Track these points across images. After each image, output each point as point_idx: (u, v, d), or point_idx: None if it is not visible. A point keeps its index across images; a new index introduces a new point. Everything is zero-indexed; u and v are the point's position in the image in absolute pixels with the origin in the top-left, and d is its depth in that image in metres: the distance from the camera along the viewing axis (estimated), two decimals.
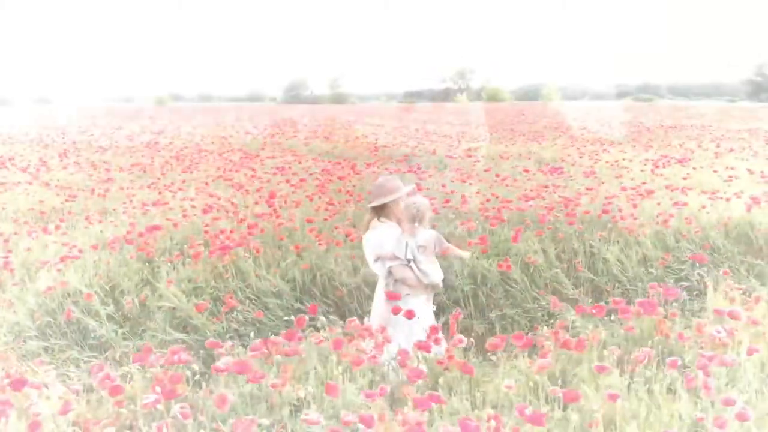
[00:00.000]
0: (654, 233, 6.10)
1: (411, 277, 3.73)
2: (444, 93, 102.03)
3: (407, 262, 3.72)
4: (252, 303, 4.76)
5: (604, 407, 2.64)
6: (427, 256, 3.79)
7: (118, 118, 31.73)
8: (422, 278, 3.74)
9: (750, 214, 6.39)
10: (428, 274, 3.75)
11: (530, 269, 5.39)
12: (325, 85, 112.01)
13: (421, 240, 3.76)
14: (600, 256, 5.67)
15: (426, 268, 3.75)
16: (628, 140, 16.99)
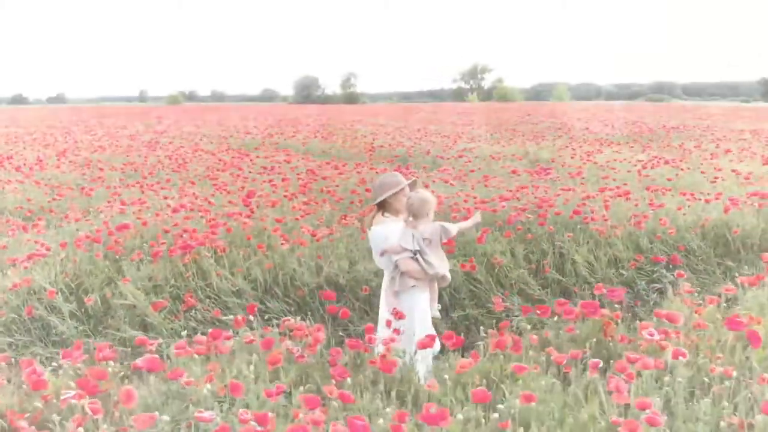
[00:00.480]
0: (627, 234, 6.07)
1: (417, 269, 3.76)
2: (456, 93, 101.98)
3: (414, 254, 3.75)
4: (212, 302, 4.80)
5: (522, 408, 2.63)
6: (433, 248, 3.81)
7: (126, 117, 32.03)
8: (428, 270, 3.77)
9: (727, 216, 6.33)
10: (433, 265, 3.79)
11: (495, 270, 5.38)
12: (336, 85, 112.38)
13: (426, 233, 3.78)
14: (569, 257, 5.65)
15: (431, 259, 3.79)
16: (628, 141, 16.90)
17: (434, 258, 3.83)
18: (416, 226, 3.80)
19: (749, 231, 6.22)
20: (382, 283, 4.15)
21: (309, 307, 4.85)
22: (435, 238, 3.82)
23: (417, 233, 3.77)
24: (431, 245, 3.82)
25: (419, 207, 3.79)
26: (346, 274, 5.06)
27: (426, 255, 3.79)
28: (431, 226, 3.84)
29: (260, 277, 4.92)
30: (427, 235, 3.78)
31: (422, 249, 3.78)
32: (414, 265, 3.78)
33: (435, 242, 3.85)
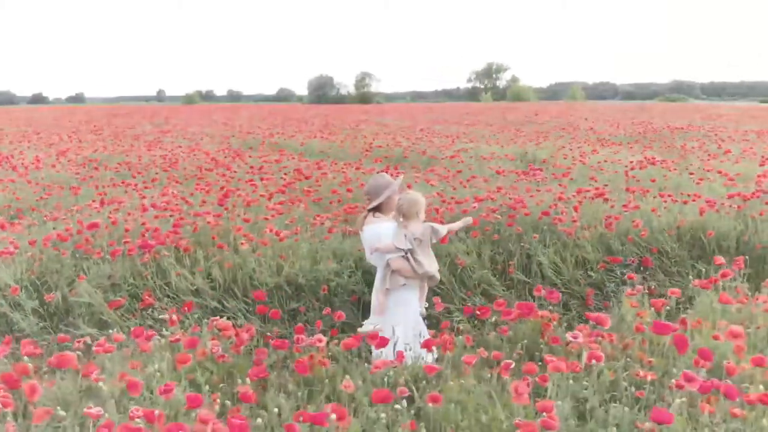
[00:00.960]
0: (598, 236, 6.03)
1: (407, 267, 3.85)
2: (470, 92, 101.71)
3: (405, 252, 3.83)
4: (171, 301, 4.85)
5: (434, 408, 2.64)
6: (423, 248, 3.89)
7: (138, 116, 32.37)
8: (417, 269, 3.86)
9: (703, 218, 6.26)
10: (423, 264, 3.87)
11: (458, 270, 5.37)
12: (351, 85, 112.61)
13: (417, 233, 3.87)
14: (536, 258, 5.63)
15: (421, 258, 3.87)
16: (629, 141, 16.74)
17: (424, 257, 3.91)
18: (407, 226, 3.89)
19: (725, 233, 6.14)
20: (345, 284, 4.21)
21: (267, 306, 4.88)
22: (425, 238, 3.90)
23: (408, 233, 3.86)
24: (421, 245, 3.90)
25: (408, 208, 3.91)
26: (308, 273, 5.07)
27: (416, 254, 3.87)
28: (422, 226, 3.92)
29: (219, 276, 4.95)
30: (418, 235, 3.87)
31: (413, 248, 3.86)
32: (404, 264, 3.86)
33: (425, 242, 3.92)
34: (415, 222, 3.92)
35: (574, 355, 3.13)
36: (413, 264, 3.86)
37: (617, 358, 3.09)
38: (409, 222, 3.90)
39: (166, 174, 9.75)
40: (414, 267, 3.86)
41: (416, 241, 3.87)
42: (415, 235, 3.85)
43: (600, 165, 10.20)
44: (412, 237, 3.85)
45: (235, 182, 8.58)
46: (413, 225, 3.90)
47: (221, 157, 11.72)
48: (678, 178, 8.79)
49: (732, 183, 7.85)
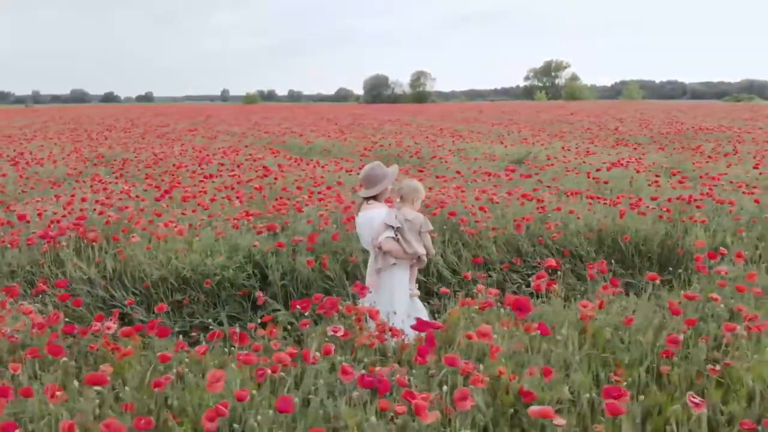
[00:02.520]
0: (511, 237, 5.97)
1: (397, 248, 4.04)
2: (526, 90, 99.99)
3: (395, 230, 4.03)
4: (65, 289, 5.13)
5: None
6: (412, 232, 4.07)
7: (182, 115, 33.56)
8: (407, 248, 4.05)
9: (623, 221, 6.09)
10: (411, 243, 4.06)
11: (348, 267, 5.44)
12: (407, 84, 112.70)
13: (410, 216, 4.07)
14: None
15: (409, 237, 4.06)
16: (649, 141, 16.24)
17: (413, 239, 4.08)
18: (401, 208, 4.09)
19: (645, 238, 5.95)
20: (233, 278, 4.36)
21: (153, 297, 5.11)
22: (417, 223, 4.07)
23: (400, 214, 4.06)
24: (411, 229, 4.07)
25: (408, 192, 4.13)
26: (198, 267, 5.25)
27: (405, 234, 4.05)
28: (416, 213, 4.12)
29: (110, 267, 5.21)
30: (411, 218, 4.06)
31: (402, 228, 4.04)
32: (394, 244, 4.05)
33: (416, 227, 4.09)
34: (410, 207, 4.12)
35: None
36: (402, 243, 4.04)
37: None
38: (404, 205, 4.12)
39: (150, 170, 10.20)
40: (403, 246, 4.04)
41: (407, 222, 4.04)
42: (406, 217, 4.04)
43: (578, 168, 9.99)
44: (403, 218, 4.04)
45: (198, 178, 8.89)
46: (407, 209, 4.10)
47: (213, 156, 12.10)
48: (644, 181, 8.51)
49: (681, 185, 7.55)
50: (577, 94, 71.54)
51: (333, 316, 3.63)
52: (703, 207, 6.46)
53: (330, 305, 3.57)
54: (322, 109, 42.52)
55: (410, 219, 4.05)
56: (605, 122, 22.94)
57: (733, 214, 6.17)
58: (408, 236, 4.04)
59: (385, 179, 4.20)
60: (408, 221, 4.04)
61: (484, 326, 3.01)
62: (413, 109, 42.66)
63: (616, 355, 3.26)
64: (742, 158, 11.65)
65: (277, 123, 24.60)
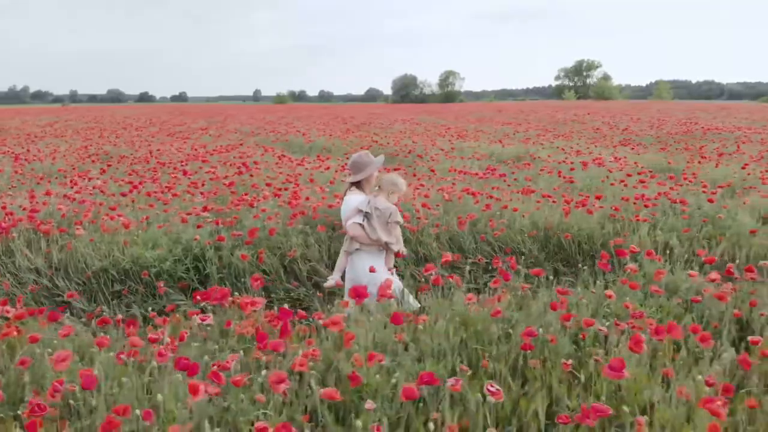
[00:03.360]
0: (455, 234, 6.01)
1: (360, 233, 4.28)
2: (556, 90, 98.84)
3: (363, 215, 4.27)
4: (14, 278, 5.37)
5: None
6: (380, 221, 4.28)
7: (204, 115, 34.16)
8: (370, 234, 4.26)
9: (567, 220, 6.08)
10: (376, 230, 4.26)
11: (286, 261, 5.56)
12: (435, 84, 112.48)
13: (380, 205, 4.28)
14: None
15: (376, 226, 4.26)
16: (653, 142, 16.00)
17: (379, 227, 4.28)
18: (376, 197, 4.32)
19: (588, 236, 5.94)
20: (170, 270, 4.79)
21: (93, 288, 5.31)
22: (385, 213, 4.27)
23: (373, 200, 4.29)
24: (380, 216, 4.27)
25: (386, 184, 4.36)
26: (138, 260, 5.43)
27: (372, 221, 4.27)
28: (388, 203, 4.31)
29: (55, 258, 5.43)
30: (381, 207, 4.26)
31: (371, 215, 4.26)
32: (359, 229, 4.28)
33: (384, 217, 4.28)
34: (383, 198, 4.32)
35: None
36: (367, 229, 4.25)
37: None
38: (380, 194, 4.33)
39: (138, 166, 10.50)
40: (368, 232, 4.25)
41: (377, 211, 4.25)
42: (376, 206, 4.25)
43: (558, 166, 9.94)
44: (374, 206, 4.24)
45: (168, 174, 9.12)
46: (381, 199, 4.30)
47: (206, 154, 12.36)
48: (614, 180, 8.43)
49: (642, 185, 7.46)
50: (605, 93, 70.51)
51: (227, 306, 3.77)
52: (655, 206, 6.40)
53: (221, 295, 3.69)
54: (343, 109, 42.77)
55: (380, 208, 4.26)
56: (618, 122, 22.61)
57: (687, 213, 6.12)
58: (374, 223, 4.25)
59: (369, 166, 4.43)
60: (377, 210, 4.25)
61: (336, 316, 3.09)
62: (432, 109, 42.61)
63: (485, 347, 3.31)
64: (739, 158, 11.42)
65: (290, 122, 24.87)
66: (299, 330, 3.34)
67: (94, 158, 12.31)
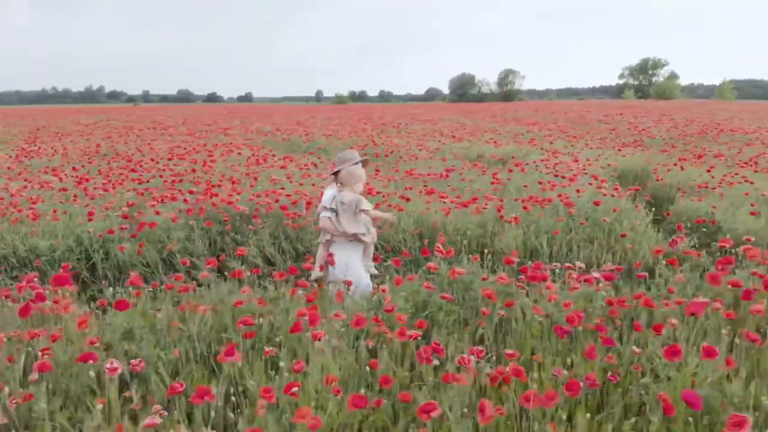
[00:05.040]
0: None
1: (329, 226, 4.66)
2: (618, 89, 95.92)
3: (331, 211, 4.65)
4: None
5: None
6: (348, 213, 4.64)
7: (243, 114, 35.23)
8: (337, 227, 4.64)
9: (449, 218, 6.14)
10: (342, 224, 4.63)
11: (164, 254, 5.88)
12: (494, 82, 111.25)
13: (346, 199, 4.64)
14: None
15: (342, 220, 4.63)
16: (658, 143, 15.50)
17: (346, 220, 4.63)
18: (342, 192, 4.69)
19: (465, 235, 5.99)
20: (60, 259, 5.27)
21: None
22: (351, 206, 4.63)
23: (339, 196, 4.66)
24: (347, 210, 4.63)
25: (347, 178, 4.68)
26: (35, 249, 5.88)
27: (339, 215, 4.63)
28: (352, 195, 4.67)
29: None
30: (346, 201, 4.63)
31: (338, 210, 4.62)
32: (327, 222, 4.65)
33: (351, 209, 4.63)
34: (349, 191, 4.66)
35: None
36: (334, 222, 4.61)
37: None
38: (345, 189, 4.68)
39: (116, 163, 11.13)
40: (335, 225, 4.61)
41: (343, 205, 4.59)
42: (342, 200, 4.61)
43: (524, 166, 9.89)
44: (340, 201, 4.61)
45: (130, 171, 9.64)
46: (346, 193, 4.65)
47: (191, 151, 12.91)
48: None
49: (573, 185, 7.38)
50: (666, 93, 67.83)
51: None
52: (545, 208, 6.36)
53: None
54: (382, 109, 43.09)
55: (346, 201, 4.59)
56: (642, 122, 21.91)
57: (574, 215, 6.06)
58: (341, 217, 4.58)
59: (347, 162, 4.73)
60: (343, 203, 4.58)
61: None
62: (474, 108, 42.29)
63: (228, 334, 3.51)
64: (720, 162, 10.99)
65: (316, 123, 25.33)
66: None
67: (90, 157, 13.07)
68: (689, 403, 2.23)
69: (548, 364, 2.93)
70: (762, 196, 7.33)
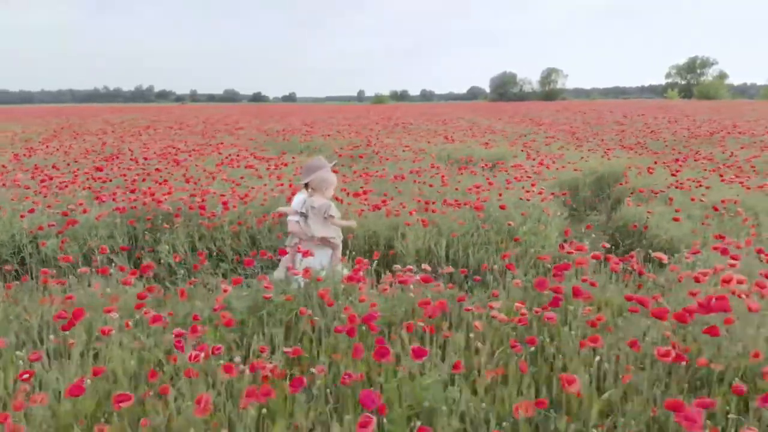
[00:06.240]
0: (254, 232, 6.37)
1: (297, 229, 4.88)
2: (664, 88, 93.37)
3: (300, 215, 4.86)
4: None
5: None
6: (317, 217, 4.84)
7: (271, 114, 35.84)
8: (306, 230, 4.84)
9: (361, 220, 6.24)
10: (311, 227, 4.84)
11: (84, 250, 6.17)
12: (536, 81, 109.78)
13: (316, 203, 4.85)
14: None
15: (312, 223, 4.83)
16: (662, 147, 15.15)
17: (315, 224, 4.83)
18: (312, 196, 4.90)
19: (373, 236, 6.09)
20: None
21: None
22: (320, 210, 4.83)
23: (309, 200, 4.87)
24: (317, 215, 4.82)
25: (318, 184, 4.84)
26: None
27: (309, 219, 4.83)
28: (322, 200, 4.88)
29: None
30: (316, 205, 4.83)
31: (308, 214, 4.82)
32: (295, 226, 4.87)
33: (319, 213, 4.83)
34: (320, 196, 4.85)
35: None
36: (303, 226, 4.79)
37: None
38: (316, 194, 4.87)
39: (100, 163, 11.60)
40: (303, 229, 4.79)
41: (313, 209, 4.77)
42: (312, 205, 4.80)
43: None
44: (310, 205, 4.81)
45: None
46: (317, 198, 4.85)
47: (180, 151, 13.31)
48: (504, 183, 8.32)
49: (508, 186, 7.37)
50: (710, 93, 65.61)
51: None
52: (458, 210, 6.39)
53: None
54: (406, 109, 43.15)
55: (316, 206, 4.73)
56: (659, 124, 21.37)
57: (482, 219, 6.09)
58: (311, 221, 4.72)
59: (318, 170, 4.84)
60: (313, 208, 4.72)
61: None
62: (497, 107, 41.88)
63: None
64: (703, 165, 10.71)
65: (338, 122, 25.58)
66: None
67: (88, 155, 13.62)
68: (364, 405, 2.31)
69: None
70: (698, 201, 7.17)
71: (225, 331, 3.61)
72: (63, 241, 6.09)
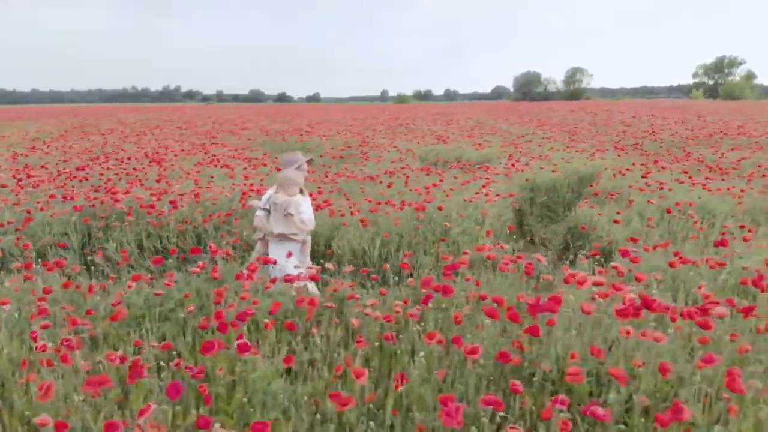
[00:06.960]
0: (200, 230, 6.54)
1: (258, 224, 5.02)
2: (690, 88, 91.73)
3: (264, 211, 4.98)
4: None
5: None
6: (278, 213, 4.93)
7: (283, 115, 36.17)
8: (267, 225, 4.96)
9: None
10: (272, 223, 4.95)
11: (38, 246, 6.40)
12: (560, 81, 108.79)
13: (279, 200, 4.96)
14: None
15: (272, 219, 4.93)
16: (656, 148, 14.99)
17: (275, 220, 4.90)
18: (277, 193, 5.02)
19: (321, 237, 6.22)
20: None
21: None
22: (282, 207, 4.89)
23: (273, 197, 5.00)
24: (278, 211, 4.90)
25: (282, 181, 4.94)
26: None
27: (271, 215, 4.93)
28: (285, 197, 4.96)
29: None
30: (278, 203, 4.94)
31: (271, 211, 4.94)
32: (258, 221, 5.00)
33: (280, 210, 4.90)
34: (284, 193, 4.95)
35: None
36: (264, 221, 4.92)
37: None
38: (281, 191, 4.98)
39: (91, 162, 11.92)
40: (265, 224, 4.91)
41: (275, 206, 4.87)
42: (275, 201, 4.93)
43: None
44: (273, 201, 4.94)
45: None
46: (280, 195, 4.97)
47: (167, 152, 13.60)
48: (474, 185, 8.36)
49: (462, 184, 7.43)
50: (736, 92, 64.23)
51: None
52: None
53: None
54: (419, 109, 43.11)
55: (278, 203, 4.83)
56: (666, 124, 21.09)
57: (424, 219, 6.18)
58: (272, 217, 4.84)
59: (292, 165, 5.11)
60: (276, 204, 4.83)
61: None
62: (511, 107, 41.58)
63: None
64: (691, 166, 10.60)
65: (343, 122, 25.77)
66: None
67: (86, 155, 13.99)
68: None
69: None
70: (651, 203, 7.16)
71: (117, 325, 3.76)
72: (18, 238, 6.33)
